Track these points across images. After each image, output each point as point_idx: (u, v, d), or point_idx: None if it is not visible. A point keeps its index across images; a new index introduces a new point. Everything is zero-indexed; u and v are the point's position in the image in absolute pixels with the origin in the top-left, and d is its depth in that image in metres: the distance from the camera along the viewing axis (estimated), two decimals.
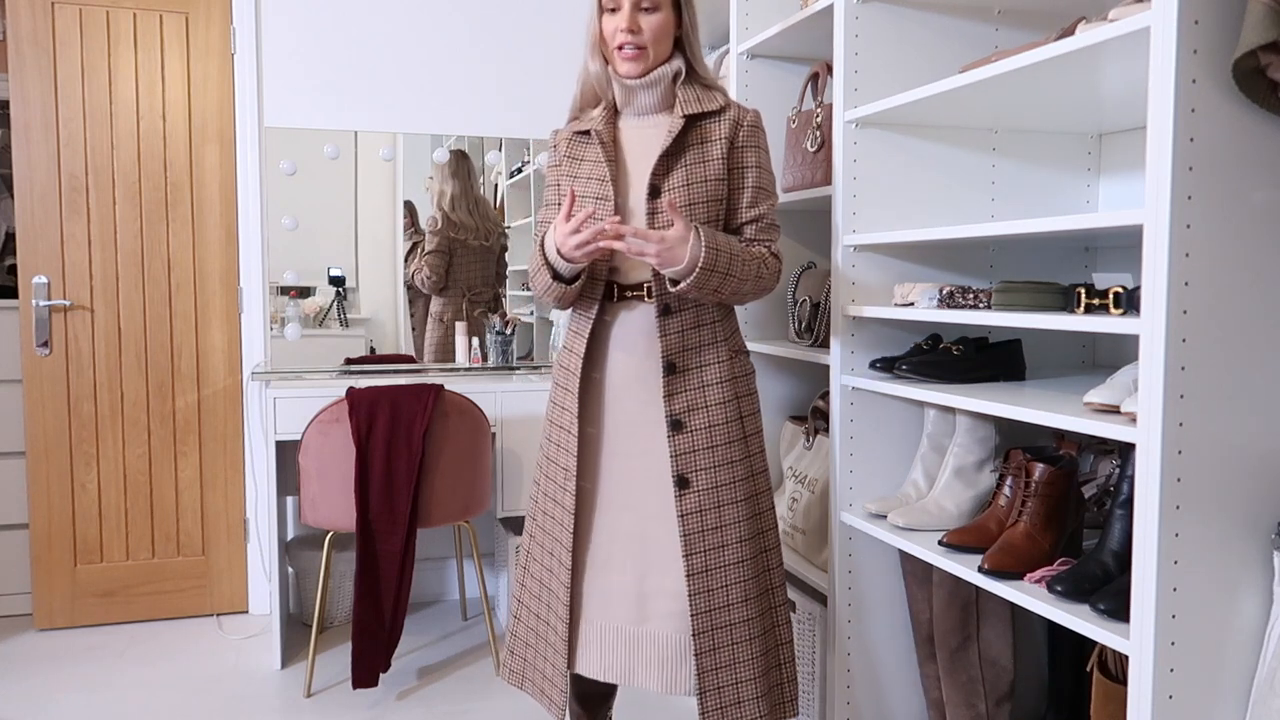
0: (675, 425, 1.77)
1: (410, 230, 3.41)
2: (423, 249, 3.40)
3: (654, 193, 1.77)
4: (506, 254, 3.51)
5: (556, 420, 1.88)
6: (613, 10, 1.79)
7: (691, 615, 1.75)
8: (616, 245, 1.66)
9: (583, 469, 1.84)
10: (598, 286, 1.81)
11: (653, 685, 1.79)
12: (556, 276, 1.78)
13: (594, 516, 1.84)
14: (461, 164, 3.42)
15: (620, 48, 1.78)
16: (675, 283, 1.71)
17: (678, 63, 1.82)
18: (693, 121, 1.79)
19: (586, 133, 1.85)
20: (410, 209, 3.41)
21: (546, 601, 1.88)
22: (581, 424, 1.83)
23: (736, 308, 1.93)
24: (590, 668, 1.82)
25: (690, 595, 1.75)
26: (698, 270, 1.66)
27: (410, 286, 3.42)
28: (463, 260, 3.43)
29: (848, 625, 2.12)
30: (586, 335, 1.83)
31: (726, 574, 1.77)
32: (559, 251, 1.72)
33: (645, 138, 1.83)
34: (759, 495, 1.84)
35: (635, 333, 1.80)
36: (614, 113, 1.88)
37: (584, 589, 1.84)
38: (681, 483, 1.77)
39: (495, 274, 3.49)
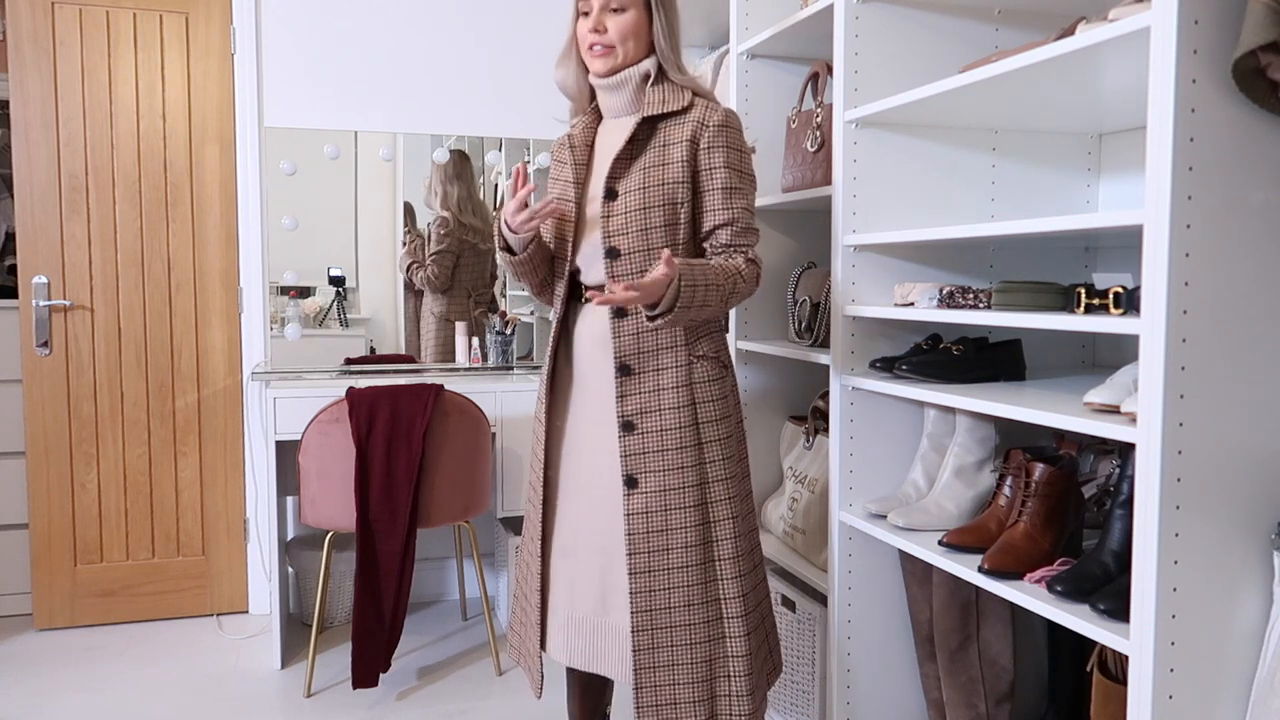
0: (626, 426, 1.79)
1: (407, 231, 3.41)
2: (418, 248, 3.40)
3: (610, 195, 1.79)
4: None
5: (536, 413, 1.95)
6: (586, 14, 1.81)
7: (631, 612, 1.77)
8: (608, 301, 1.64)
9: (552, 459, 1.90)
10: (564, 284, 1.86)
11: (614, 674, 1.83)
12: (506, 248, 1.85)
13: (560, 508, 1.89)
14: (464, 166, 3.42)
15: (590, 47, 1.80)
16: (652, 318, 1.69)
17: (647, 64, 1.82)
18: (655, 123, 1.80)
19: (569, 138, 1.91)
20: (407, 208, 3.41)
21: (529, 585, 1.94)
22: (551, 417, 1.89)
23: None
24: (557, 652, 1.88)
25: (631, 593, 1.77)
26: (676, 309, 1.65)
27: (407, 285, 3.42)
28: (468, 261, 3.43)
29: (848, 625, 2.12)
30: (555, 330, 1.89)
31: (670, 577, 1.78)
32: (505, 223, 1.79)
33: (613, 141, 1.84)
34: (714, 504, 1.81)
35: (596, 333, 1.83)
36: (596, 119, 1.91)
37: (552, 575, 1.89)
38: (630, 482, 1.78)
39: (492, 275, 3.49)
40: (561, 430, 1.90)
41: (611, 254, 1.78)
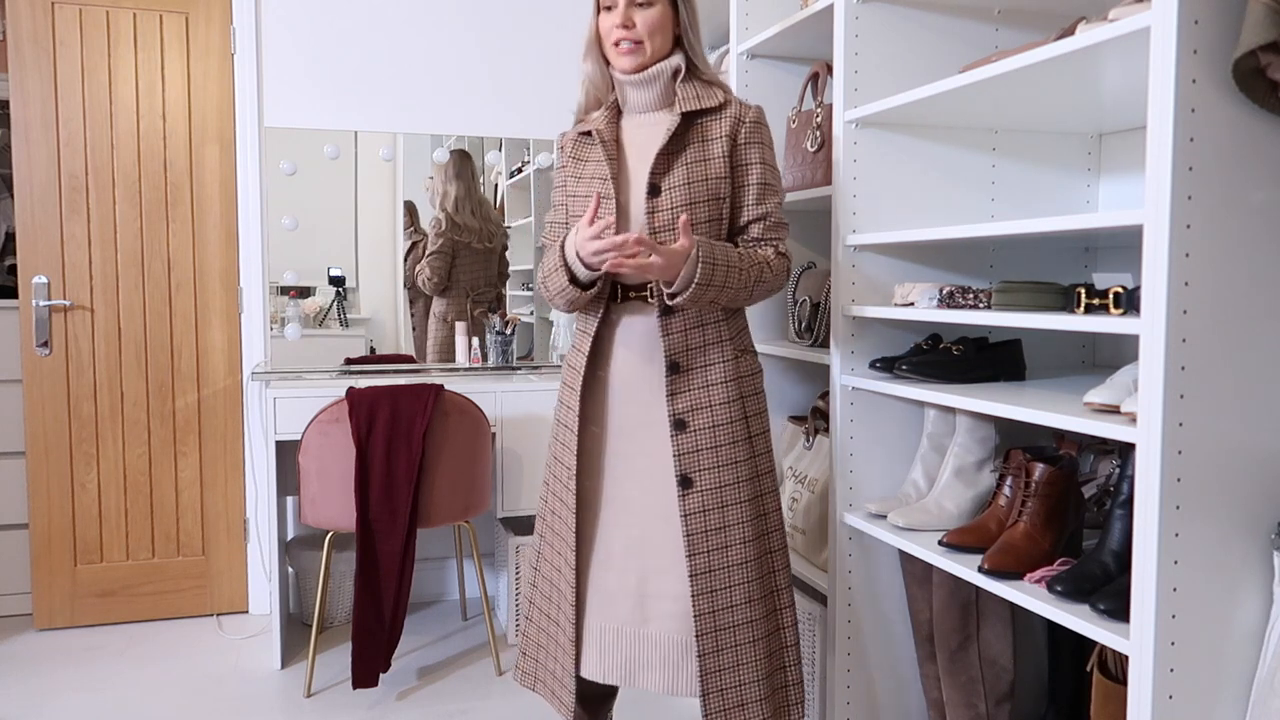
0: (678, 425, 1.77)
1: (410, 230, 3.41)
2: (422, 249, 3.40)
3: (654, 191, 1.76)
4: (507, 254, 3.51)
5: (562, 419, 1.88)
6: (609, 8, 1.79)
7: (695, 616, 1.74)
8: (627, 266, 1.64)
9: (587, 468, 1.84)
10: (603, 287, 1.81)
11: (655, 686, 1.78)
12: (573, 280, 1.77)
13: (598, 517, 1.84)
14: (465, 165, 3.42)
15: (617, 44, 1.79)
16: (672, 295, 1.71)
17: (677, 59, 1.81)
18: (692, 119, 1.79)
19: (589, 133, 1.85)
20: (411, 209, 3.41)
21: (556, 603, 1.88)
22: (585, 423, 1.83)
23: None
24: (590, 669, 1.82)
25: (693, 596, 1.74)
26: (693, 285, 1.66)
27: (411, 286, 3.42)
28: (465, 262, 3.43)
29: (848, 625, 2.12)
30: (592, 335, 1.83)
31: (730, 574, 1.76)
32: (578, 255, 1.71)
33: (645, 136, 1.82)
34: (764, 495, 1.83)
35: (639, 333, 1.80)
36: (617, 113, 1.88)
37: (587, 589, 1.84)
38: (685, 482, 1.76)
39: (497, 274, 3.49)
40: (597, 437, 1.84)
41: None
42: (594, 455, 1.85)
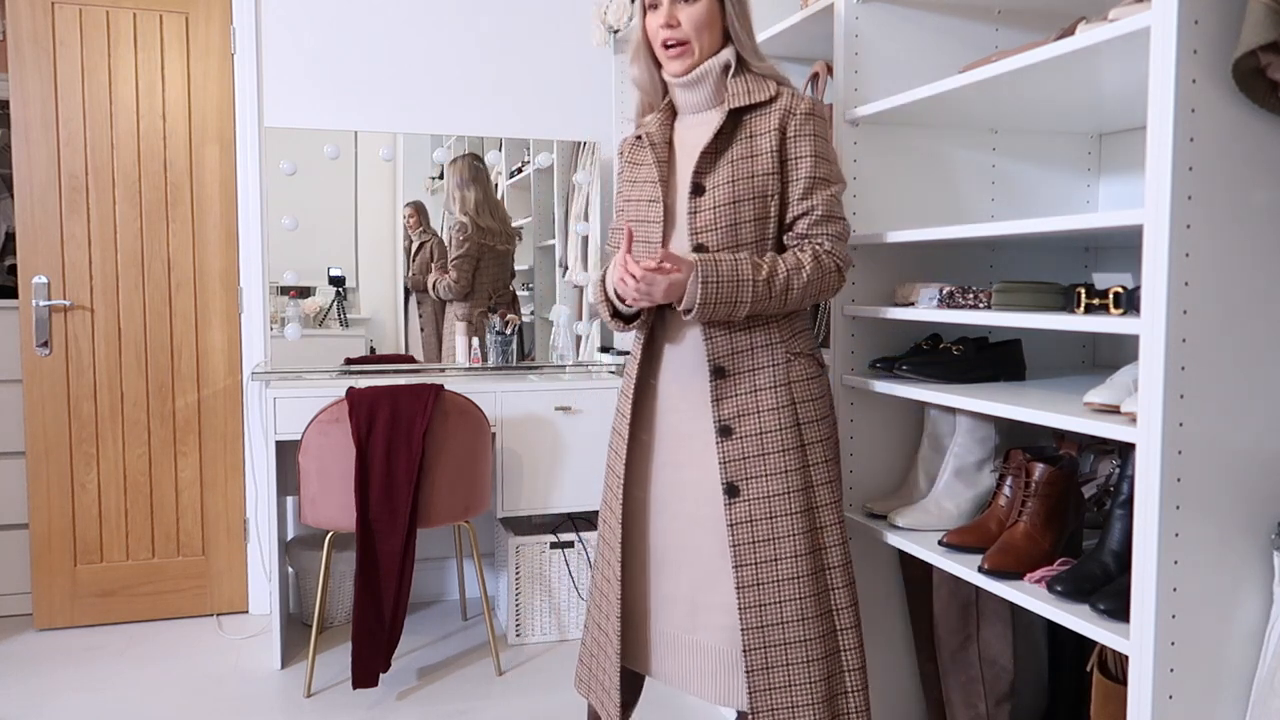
0: (724, 431, 1.71)
1: (419, 230, 3.40)
2: (433, 251, 3.39)
3: (697, 190, 1.72)
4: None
5: (616, 427, 1.86)
6: (654, 7, 1.74)
7: (742, 630, 1.68)
8: (640, 300, 1.65)
9: (637, 477, 1.81)
10: (649, 314, 1.79)
11: (706, 695, 1.74)
12: (616, 314, 1.78)
13: (649, 524, 1.81)
14: (479, 168, 3.42)
15: (665, 45, 1.74)
16: (686, 312, 1.67)
17: (727, 55, 1.74)
18: (740, 114, 1.73)
19: (642, 137, 1.82)
20: (419, 209, 3.40)
21: (605, 611, 1.84)
22: (635, 430, 1.80)
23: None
24: (648, 668, 1.81)
25: (741, 609, 1.68)
26: (697, 307, 1.63)
27: (421, 289, 3.41)
28: (488, 264, 3.43)
29: None
30: (643, 341, 1.80)
31: (780, 589, 1.68)
32: (615, 293, 1.72)
33: (696, 136, 1.77)
34: (820, 509, 1.73)
35: (686, 338, 1.76)
36: (671, 114, 1.83)
37: (647, 591, 1.81)
38: (731, 490, 1.69)
39: (512, 274, 3.49)
40: (647, 444, 1.81)
41: (699, 251, 1.71)
42: (644, 463, 1.81)
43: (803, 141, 1.71)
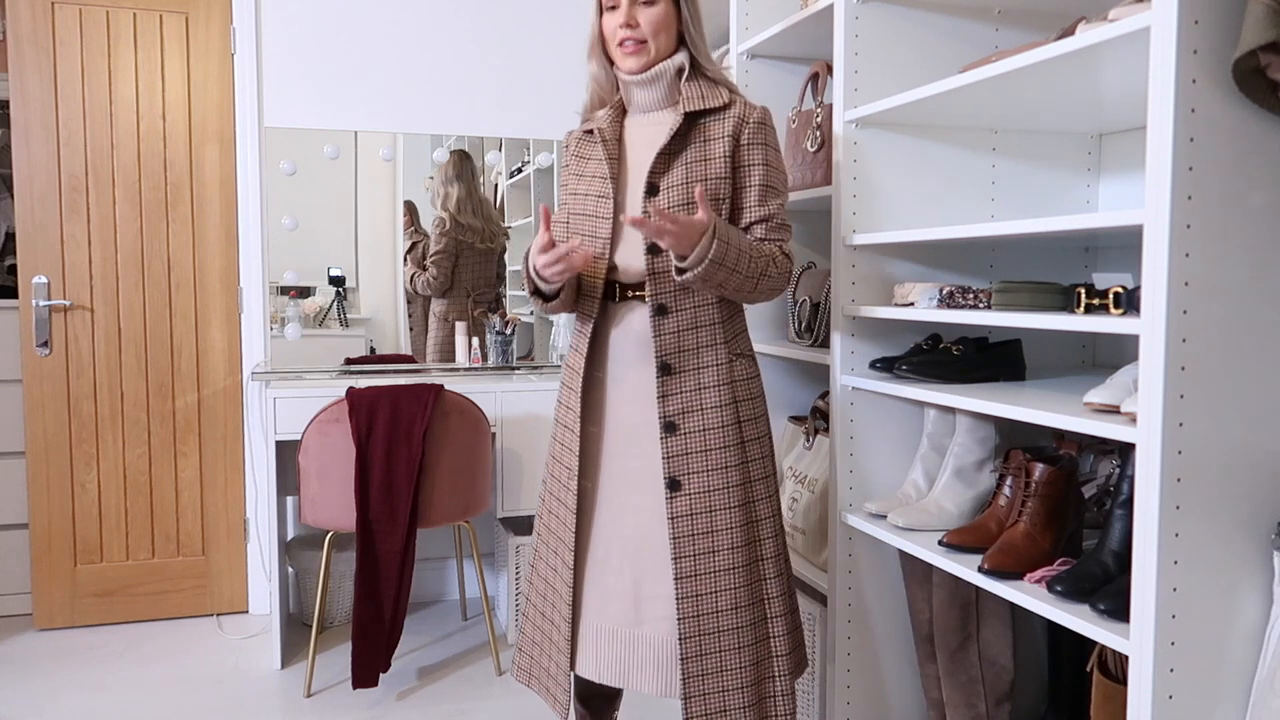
0: (669, 427, 1.75)
1: (411, 230, 3.41)
2: (424, 250, 3.40)
3: (652, 190, 1.75)
4: (505, 255, 3.51)
5: (561, 419, 1.88)
6: (612, 8, 1.78)
7: (678, 620, 1.73)
8: (647, 228, 1.62)
9: (585, 468, 1.84)
10: (599, 286, 1.81)
11: (648, 688, 1.78)
12: (536, 292, 1.82)
13: (594, 516, 1.83)
14: (465, 165, 3.42)
15: (621, 44, 1.77)
16: (682, 271, 1.67)
17: (681, 58, 1.79)
18: (695, 118, 1.77)
19: (592, 132, 1.85)
20: (411, 208, 3.41)
21: (551, 601, 1.87)
22: (584, 423, 1.83)
23: (745, 308, 1.90)
24: (586, 668, 1.82)
25: (678, 599, 1.73)
26: (707, 262, 1.62)
27: (410, 287, 3.42)
28: (467, 262, 3.43)
29: (848, 625, 2.12)
30: (589, 334, 1.83)
31: (717, 580, 1.74)
32: (535, 270, 1.74)
33: (648, 135, 1.81)
34: (756, 502, 1.80)
35: (635, 333, 1.79)
36: (621, 112, 1.87)
37: (584, 589, 1.83)
38: (673, 485, 1.75)
39: (497, 275, 3.49)
40: (596, 436, 1.84)
41: (653, 250, 1.74)
42: (592, 456, 1.84)
43: (756, 150, 1.77)
